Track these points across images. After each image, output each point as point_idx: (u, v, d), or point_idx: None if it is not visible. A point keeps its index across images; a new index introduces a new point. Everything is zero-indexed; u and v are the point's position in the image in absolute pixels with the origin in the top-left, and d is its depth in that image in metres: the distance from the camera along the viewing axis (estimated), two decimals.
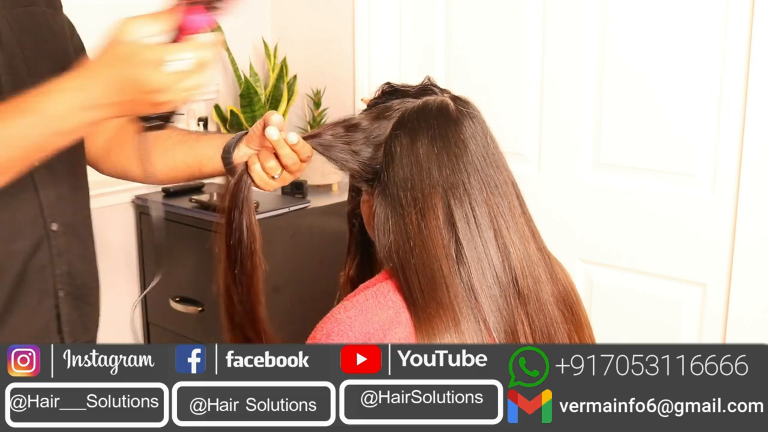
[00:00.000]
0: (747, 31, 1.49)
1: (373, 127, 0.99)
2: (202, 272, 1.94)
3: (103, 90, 0.81)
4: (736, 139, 1.54)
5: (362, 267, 1.13)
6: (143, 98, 0.81)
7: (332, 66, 2.19)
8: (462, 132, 0.98)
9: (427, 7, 2.00)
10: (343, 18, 2.13)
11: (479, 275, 0.94)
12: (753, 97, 1.49)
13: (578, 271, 1.80)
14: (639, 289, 1.73)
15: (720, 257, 1.59)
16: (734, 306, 1.57)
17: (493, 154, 0.98)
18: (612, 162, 1.72)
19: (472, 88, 1.92)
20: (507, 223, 0.96)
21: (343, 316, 0.93)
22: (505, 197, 0.97)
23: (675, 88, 1.60)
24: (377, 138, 0.99)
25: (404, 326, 0.92)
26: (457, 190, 0.95)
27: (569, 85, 1.75)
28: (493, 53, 1.88)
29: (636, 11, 1.63)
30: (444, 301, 0.92)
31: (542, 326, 0.96)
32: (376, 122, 1.00)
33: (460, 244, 0.94)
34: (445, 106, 0.99)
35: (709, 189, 1.60)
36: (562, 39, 1.75)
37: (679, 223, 1.64)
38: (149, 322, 2.15)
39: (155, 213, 0.93)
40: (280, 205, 1.93)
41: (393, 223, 0.96)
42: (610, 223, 1.75)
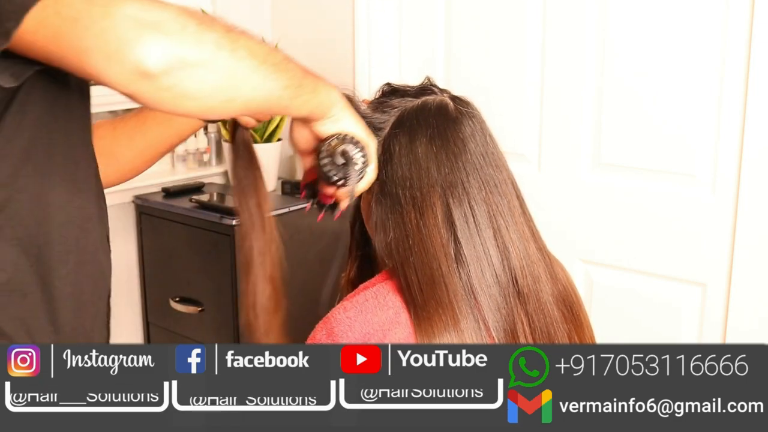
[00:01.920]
0: (747, 31, 1.49)
1: (374, 116, 1.00)
2: (202, 272, 1.94)
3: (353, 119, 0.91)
4: (736, 139, 1.54)
5: (362, 269, 1.13)
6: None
7: (332, 66, 2.19)
8: (461, 131, 0.98)
9: (427, 7, 2.00)
10: (343, 18, 2.13)
11: (478, 274, 0.94)
12: (753, 98, 1.49)
13: (578, 271, 1.80)
14: (639, 289, 1.73)
15: (720, 257, 1.59)
16: (734, 306, 1.57)
17: (492, 153, 0.99)
18: (612, 162, 1.72)
19: (472, 88, 1.92)
20: (506, 223, 0.96)
21: (343, 316, 0.93)
22: (504, 196, 0.97)
23: (675, 88, 1.60)
24: (378, 127, 0.99)
25: (404, 327, 0.92)
26: (456, 190, 0.95)
27: (569, 85, 1.75)
28: (493, 53, 1.88)
29: (636, 11, 1.63)
30: (443, 300, 0.92)
31: (542, 326, 0.96)
32: (376, 113, 1.00)
33: (459, 244, 0.94)
34: (444, 105, 1.00)
35: (709, 189, 1.60)
36: (562, 39, 1.75)
37: (679, 223, 1.64)
38: (149, 322, 2.15)
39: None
40: (280, 205, 1.93)
41: (392, 222, 0.96)
42: (610, 223, 1.75)
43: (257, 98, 0.78)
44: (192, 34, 0.70)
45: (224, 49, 0.73)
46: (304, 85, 0.83)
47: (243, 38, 0.75)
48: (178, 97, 0.72)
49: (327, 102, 0.87)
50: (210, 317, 1.94)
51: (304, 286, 1.99)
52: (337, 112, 0.89)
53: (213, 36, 0.72)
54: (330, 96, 0.88)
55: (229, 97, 0.75)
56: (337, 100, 0.89)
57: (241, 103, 0.77)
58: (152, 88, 0.70)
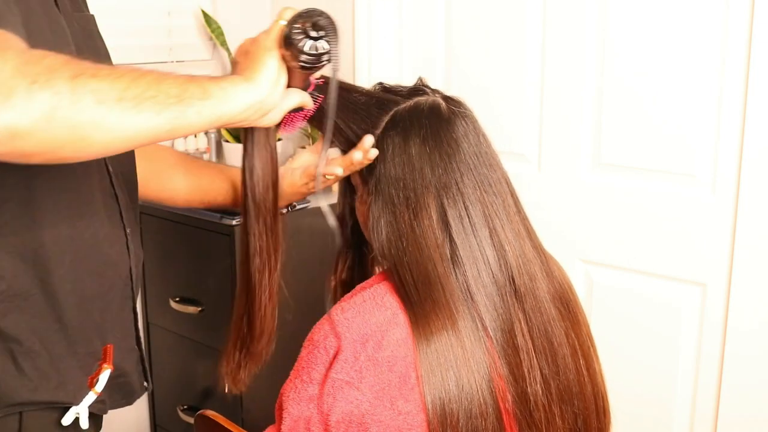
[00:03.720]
0: (747, 31, 1.49)
1: (371, 103, 1.01)
2: (202, 272, 1.94)
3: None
4: (736, 139, 1.54)
5: (354, 271, 1.13)
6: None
7: None
8: (454, 131, 0.98)
9: (427, 7, 2.00)
10: (343, 18, 2.13)
11: (474, 274, 0.94)
12: (753, 97, 1.49)
13: (578, 271, 1.80)
14: (639, 289, 1.73)
15: (720, 257, 1.59)
16: (734, 306, 1.57)
17: (486, 152, 0.98)
18: (612, 162, 1.72)
19: (472, 89, 1.93)
20: (502, 222, 0.96)
21: (341, 317, 0.93)
22: (499, 195, 0.97)
23: (675, 88, 1.60)
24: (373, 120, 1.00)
25: (401, 327, 0.92)
26: (451, 190, 0.95)
27: (569, 85, 1.75)
28: (493, 53, 1.88)
29: (636, 11, 1.63)
30: (440, 301, 0.92)
31: (539, 324, 0.96)
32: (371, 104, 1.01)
33: (455, 244, 0.94)
34: (437, 105, 1.00)
35: (709, 189, 1.60)
36: (562, 39, 1.75)
37: (679, 223, 1.64)
38: (149, 322, 2.15)
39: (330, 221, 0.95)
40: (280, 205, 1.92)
41: (385, 222, 0.96)
42: (610, 223, 1.75)
43: (126, 136, 0.75)
44: (21, 100, 0.67)
45: (62, 105, 0.69)
46: (186, 97, 0.78)
47: (93, 81, 0.71)
48: (23, 158, 0.71)
49: (231, 89, 0.82)
50: (210, 317, 1.94)
51: (304, 287, 1.99)
52: (250, 78, 0.85)
53: (46, 95, 0.68)
54: (228, 82, 0.83)
55: (82, 147, 0.72)
56: (237, 78, 0.85)
57: (101, 147, 0.74)
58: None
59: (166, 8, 2.14)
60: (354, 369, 0.90)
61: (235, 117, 0.83)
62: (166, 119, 0.76)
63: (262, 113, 0.86)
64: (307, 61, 0.86)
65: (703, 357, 1.64)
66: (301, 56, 0.86)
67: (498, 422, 0.92)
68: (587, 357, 1.02)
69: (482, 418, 0.91)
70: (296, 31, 0.86)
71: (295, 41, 0.85)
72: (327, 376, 0.90)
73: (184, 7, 2.17)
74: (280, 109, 0.89)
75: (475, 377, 0.91)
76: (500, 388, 0.93)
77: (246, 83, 0.84)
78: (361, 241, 1.10)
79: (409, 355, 0.90)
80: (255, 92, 0.84)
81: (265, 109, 0.86)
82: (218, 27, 2.16)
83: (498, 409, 0.92)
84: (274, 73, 0.86)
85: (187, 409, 2.06)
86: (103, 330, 1.04)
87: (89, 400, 0.99)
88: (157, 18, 2.13)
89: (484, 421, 0.91)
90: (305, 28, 0.86)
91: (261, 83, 0.85)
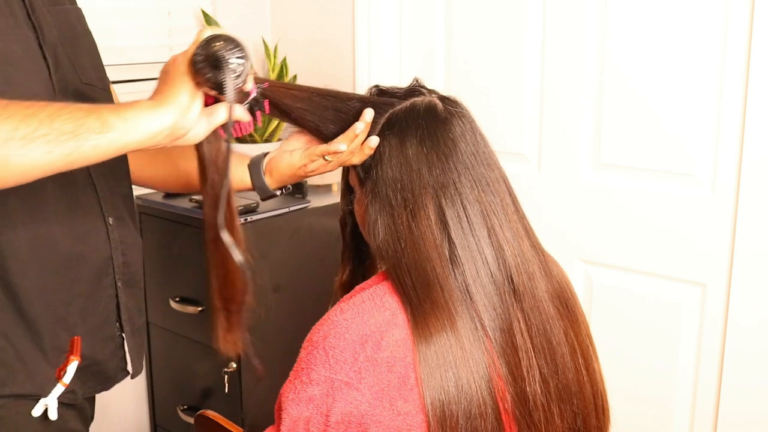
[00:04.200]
0: (747, 31, 1.49)
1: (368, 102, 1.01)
2: (202, 272, 1.94)
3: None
4: (736, 139, 1.54)
5: (355, 273, 1.13)
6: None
7: (332, 66, 2.19)
8: (451, 131, 0.98)
9: (427, 6, 2.00)
10: (343, 18, 2.13)
11: (473, 274, 0.94)
12: (753, 98, 1.49)
13: (578, 271, 1.80)
14: (639, 289, 1.73)
15: (720, 257, 1.59)
16: (734, 306, 1.57)
17: (483, 152, 0.98)
18: (612, 162, 1.72)
19: (472, 89, 1.93)
20: (500, 221, 0.96)
21: (340, 318, 0.93)
22: (497, 195, 0.97)
23: (675, 88, 1.60)
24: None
25: (401, 328, 0.92)
26: (448, 190, 0.95)
27: (569, 85, 1.75)
28: (493, 53, 1.88)
29: (636, 11, 1.63)
30: (439, 301, 0.92)
31: (538, 323, 0.96)
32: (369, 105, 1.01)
33: (453, 244, 0.94)
34: (433, 106, 1.00)
35: (709, 189, 1.60)
36: (562, 38, 1.75)
37: (679, 223, 1.64)
38: (149, 322, 2.15)
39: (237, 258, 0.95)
40: (280, 205, 1.93)
41: (382, 223, 0.96)
42: (610, 223, 1.75)
43: (19, 171, 0.78)
44: None
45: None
46: (82, 132, 0.79)
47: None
48: None
49: (135, 119, 0.83)
50: (210, 317, 1.94)
51: (304, 286, 1.99)
52: (160, 104, 0.85)
53: None
54: (134, 111, 0.83)
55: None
56: (146, 105, 0.85)
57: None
58: None
59: (166, 8, 2.14)
60: (353, 370, 0.90)
61: (144, 143, 0.84)
62: (59, 155, 0.78)
63: (175, 137, 0.86)
64: (212, 87, 0.86)
65: (703, 357, 1.64)
66: (206, 84, 0.86)
67: (497, 422, 0.92)
68: (586, 356, 1.02)
69: (481, 418, 0.91)
70: (199, 59, 0.85)
71: (197, 68, 0.85)
72: (326, 376, 0.91)
73: (184, 7, 2.17)
74: (205, 127, 0.89)
75: (474, 377, 0.91)
76: (499, 388, 0.93)
77: (153, 110, 0.84)
78: (361, 241, 1.11)
79: (408, 355, 0.90)
80: (163, 119, 0.84)
81: (177, 134, 0.86)
82: (218, 27, 2.16)
83: (497, 409, 0.92)
84: (185, 99, 0.85)
85: (187, 409, 2.06)
86: (70, 323, 1.05)
87: (57, 392, 1.01)
88: (157, 18, 2.13)
89: (483, 421, 0.91)
90: (208, 54, 0.85)
91: (169, 110, 0.84)
